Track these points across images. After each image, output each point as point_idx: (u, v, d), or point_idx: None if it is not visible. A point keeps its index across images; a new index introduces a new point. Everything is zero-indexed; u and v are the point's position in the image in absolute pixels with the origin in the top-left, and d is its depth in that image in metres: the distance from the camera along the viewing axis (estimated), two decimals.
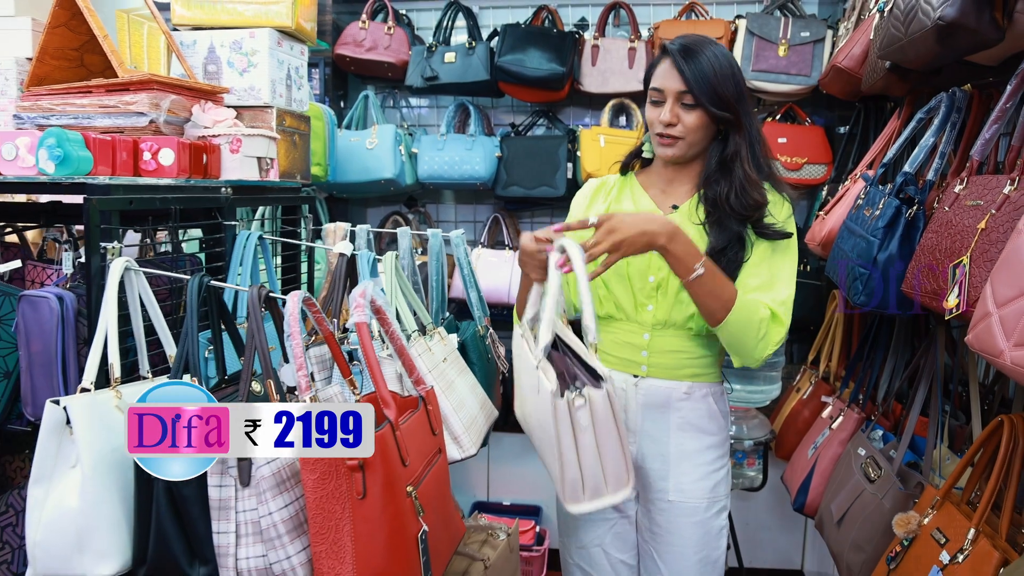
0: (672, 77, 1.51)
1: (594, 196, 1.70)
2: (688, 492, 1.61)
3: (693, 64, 1.50)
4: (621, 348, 1.62)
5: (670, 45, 1.54)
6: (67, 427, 1.19)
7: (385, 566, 1.05)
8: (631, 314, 1.61)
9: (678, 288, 1.53)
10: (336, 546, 1.04)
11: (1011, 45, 1.48)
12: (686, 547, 1.61)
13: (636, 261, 1.56)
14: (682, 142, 1.54)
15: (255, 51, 1.82)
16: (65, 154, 1.36)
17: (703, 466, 1.62)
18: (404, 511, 1.07)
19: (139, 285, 1.34)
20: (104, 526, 1.17)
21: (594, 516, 1.66)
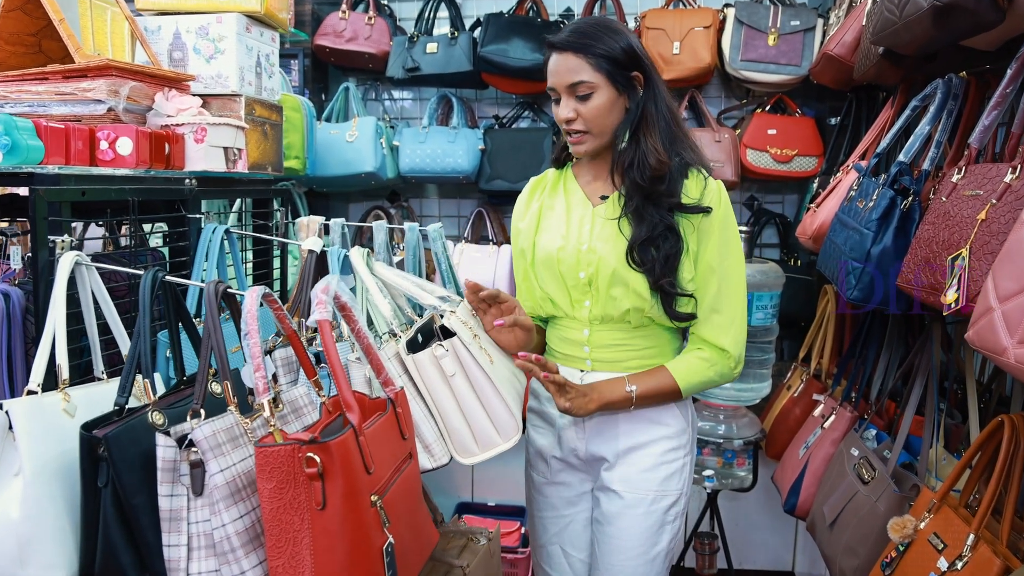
0: (558, 72, 1.46)
1: (530, 196, 1.66)
2: (633, 482, 1.56)
3: (579, 45, 1.43)
4: (565, 344, 1.61)
5: (553, 39, 1.47)
6: (9, 432, 1.11)
7: None
8: (569, 311, 1.57)
9: (608, 284, 1.49)
10: (294, 560, 0.97)
11: (1010, 27, 1.41)
12: (623, 538, 1.57)
13: (567, 259, 1.53)
14: (589, 135, 1.48)
15: (222, 37, 1.73)
16: (13, 142, 1.27)
17: (652, 457, 1.57)
18: (368, 522, 1.00)
19: (91, 281, 1.26)
20: (48, 537, 1.09)
21: (550, 513, 1.68)
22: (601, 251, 1.50)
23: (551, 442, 1.65)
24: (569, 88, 1.45)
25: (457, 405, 1.40)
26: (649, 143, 1.46)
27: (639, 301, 1.49)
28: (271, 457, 0.97)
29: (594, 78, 1.44)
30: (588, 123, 1.47)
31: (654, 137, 1.47)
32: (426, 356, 1.39)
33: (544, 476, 1.68)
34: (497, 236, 3.02)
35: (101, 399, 1.22)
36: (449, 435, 1.40)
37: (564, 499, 1.67)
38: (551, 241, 1.55)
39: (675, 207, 1.46)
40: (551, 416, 1.64)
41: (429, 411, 1.40)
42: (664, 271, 1.45)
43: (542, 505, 1.70)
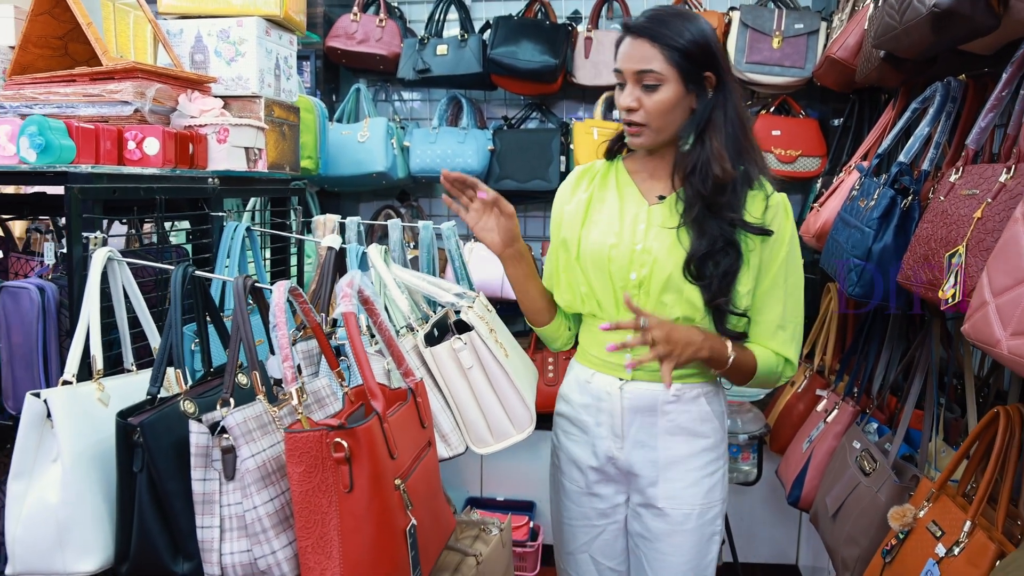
0: (629, 56, 1.38)
1: (577, 183, 1.59)
2: (679, 499, 1.53)
3: (655, 33, 1.35)
4: (604, 350, 1.51)
5: (631, 23, 1.40)
6: (48, 420, 1.16)
7: (373, 561, 1.03)
8: (612, 314, 1.51)
9: (661, 289, 1.44)
10: (323, 540, 1.02)
11: (1006, 33, 1.46)
12: (676, 554, 1.54)
13: (619, 258, 1.46)
14: (647, 129, 1.41)
15: (243, 40, 1.79)
16: (47, 142, 1.33)
17: (695, 471, 1.53)
18: (392, 505, 1.05)
19: (122, 276, 1.31)
20: (86, 521, 1.14)
21: (581, 523, 1.62)
22: (656, 253, 1.43)
23: (586, 451, 1.58)
24: (636, 75, 1.37)
25: (473, 397, 1.45)
26: (715, 149, 1.39)
27: (691, 311, 1.44)
28: (300, 442, 1.03)
29: (664, 70, 1.36)
30: (649, 116, 1.39)
31: (720, 143, 1.39)
32: (444, 349, 1.44)
33: (578, 485, 1.61)
34: None
35: (132, 389, 1.27)
36: (465, 426, 1.46)
37: (598, 510, 1.61)
38: (602, 237, 1.48)
39: (737, 222, 1.40)
40: (585, 423, 1.57)
41: (446, 402, 1.45)
42: (721, 288, 1.40)
43: (574, 514, 1.63)
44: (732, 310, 1.43)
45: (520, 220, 3.26)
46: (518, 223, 1.51)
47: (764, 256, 1.45)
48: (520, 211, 3.27)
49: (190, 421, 1.10)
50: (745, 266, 1.42)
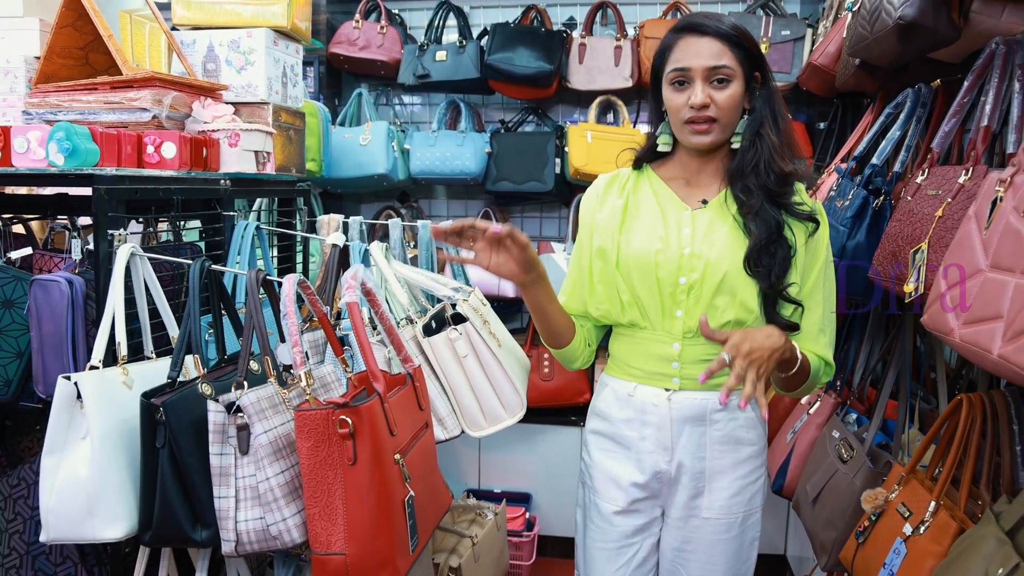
0: (700, 54, 1.37)
1: (607, 190, 1.55)
2: (723, 508, 1.51)
3: (721, 32, 1.37)
4: (649, 360, 1.48)
5: (686, 21, 1.41)
6: (78, 401, 1.27)
7: (374, 528, 1.13)
8: (657, 322, 1.47)
9: (713, 292, 1.42)
10: (329, 508, 1.12)
11: (969, 44, 1.56)
12: (717, 563, 1.53)
13: (667, 263, 1.43)
14: (717, 125, 1.40)
15: (252, 50, 1.90)
16: (74, 147, 1.44)
17: (740, 480, 1.52)
18: (392, 477, 1.15)
19: (144, 270, 1.42)
20: (112, 493, 1.25)
21: (618, 543, 1.54)
22: (707, 255, 1.42)
23: (628, 467, 1.52)
24: (709, 71, 1.37)
25: (468, 383, 1.55)
26: (775, 145, 1.40)
27: (743, 313, 1.43)
28: (309, 419, 1.13)
29: (733, 66, 1.38)
30: (720, 111, 1.38)
31: (777, 140, 1.41)
32: (441, 339, 1.54)
33: (616, 504, 1.53)
34: None
35: (152, 374, 1.38)
36: (461, 410, 1.56)
37: (636, 527, 1.54)
38: (646, 244, 1.45)
39: (789, 208, 1.42)
40: (628, 439, 1.52)
41: (443, 388, 1.55)
42: (780, 275, 1.40)
43: (611, 536, 1.55)
44: (790, 297, 1.42)
45: (517, 221, 3.37)
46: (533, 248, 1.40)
47: (807, 259, 1.46)
48: (517, 212, 3.39)
49: (208, 401, 1.20)
50: (795, 256, 1.43)
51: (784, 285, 1.41)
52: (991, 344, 1.14)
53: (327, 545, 1.10)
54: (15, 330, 1.49)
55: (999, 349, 1.12)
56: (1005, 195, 1.21)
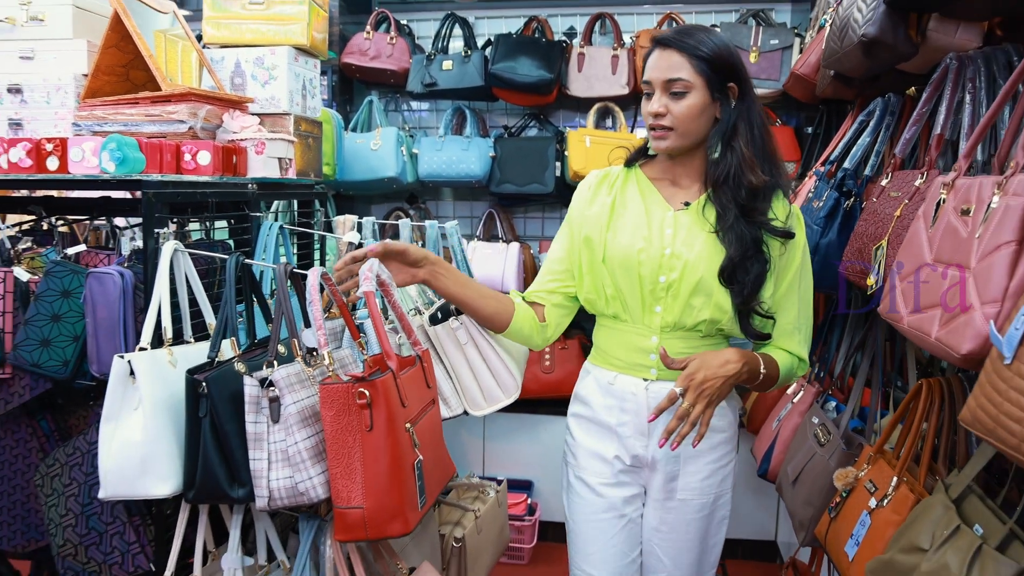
0: (658, 67, 1.48)
1: (598, 187, 1.63)
2: (697, 490, 1.61)
3: (682, 44, 1.46)
4: (629, 352, 1.57)
5: (660, 36, 1.51)
6: (130, 377, 1.45)
7: (387, 485, 1.29)
8: (638, 316, 1.55)
9: (690, 292, 1.50)
10: (349, 469, 1.28)
11: (929, 57, 1.72)
12: (690, 540, 1.63)
13: (649, 262, 1.51)
14: (673, 133, 1.49)
15: (275, 66, 2.07)
16: (124, 156, 1.62)
17: (712, 463, 1.62)
18: (403, 443, 1.32)
19: (185, 265, 1.59)
20: (162, 456, 1.43)
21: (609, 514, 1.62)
22: (686, 256, 1.49)
23: (611, 446, 1.62)
24: (666, 83, 1.46)
25: (469, 368, 1.72)
26: (746, 157, 1.47)
27: (718, 313, 1.50)
28: (332, 392, 1.29)
29: (692, 78, 1.45)
30: (676, 120, 1.47)
31: (750, 151, 1.48)
32: (444, 328, 1.71)
33: (602, 477, 1.62)
34: (506, 234, 3.34)
35: (192, 355, 1.56)
36: (463, 391, 1.73)
37: (624, 498, 1.63)
38: (630, 241, 1.53)
39: (764, 225, 1.48)
40: (608, 424, 1.61)
41: (447, 372, 1.72)
42: (752, 292, 1.48)
43: (600, 507, 1.63)
44: (761, 312, 1.51)
45: (519, 221, 3.55)
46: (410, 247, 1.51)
47: (782, 262, 1.54)
48: (520, 213, 3.56)
49: (244, 377, 1.38)
50: (771, 270, 1.51)
51: (756, 302, 1.50)
52: (931, 329, 1.30)
53: (347, 500, 1.27)
54: (72, 317, 1.67)
55: (936, 333, 1.28)
56: (947, 197, 1.38)
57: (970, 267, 1.15)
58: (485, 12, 3.50)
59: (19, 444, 1.92)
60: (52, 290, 1.70)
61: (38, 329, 1.69)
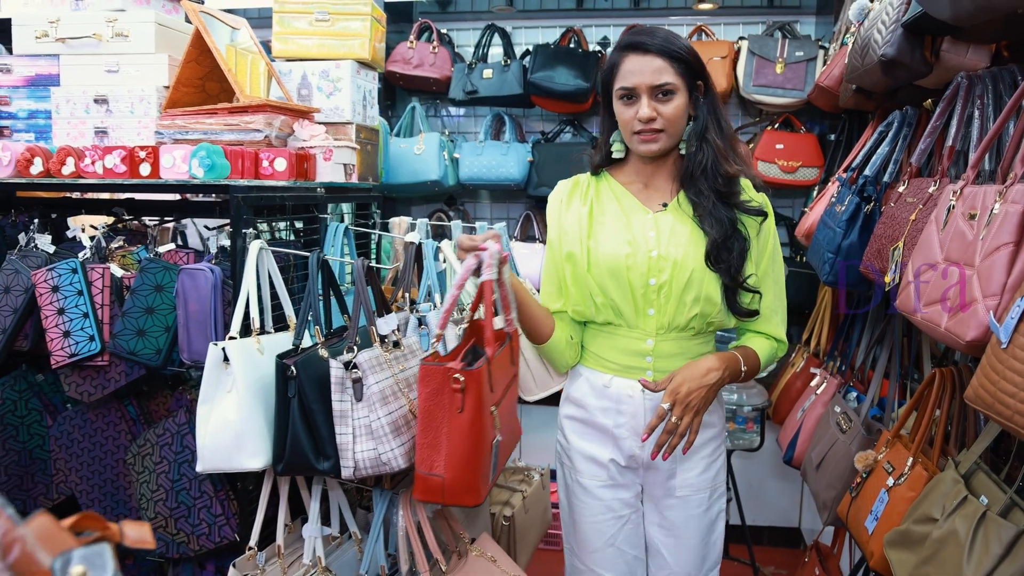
0: (643, 72, 1.49)
1: (570, 196, 1.64)
2: (694, 486, 1.65)
3: (662, 48, 1.49)
4: (624, 355, 1.59)
5: (628, 40, 1.52)
6: (225, 363, 1.64)
7: (467, 463, 1.38)
8: (632, 320, 1.57)
9: (682, 289, 1.53)
10: (435, 442, 1.38)
11: (941, 76, 1.87)
12: (691, 535, 1.66)
13: (637, 266, 1.53)
14: (664, 134, 1.52)
15: (339, 78, 2.26)
16: (212, 162, 1.81)
17: (706, 458, 1.67)
18: (487, 425, 1.40)
19: (268, 262, 1.79)
20: (254, 432, 1.61)
21: (607, 516, 1.66)
22: (674, 256, 1.52)
23: (605, 449, 1.64)
24: (653, 88, 1.49)
25: (523, 358, 1.89)
26: (720, 149, 1.53)
27: (708, 306, 1.55)
28: (431, 372, 1.38)
29: (676, 80, 1.49)
30: (666, 123, 1.50)
31: (722, 144, 1.54)
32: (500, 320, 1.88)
33: (599, 480, 1.65)
34: (542, 235, 3.52)
35: (276, 343, 1.75)
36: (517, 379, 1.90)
37: (623, 500, 1.65)
38: (615, 248, 1.55)
39: (739, 206, 1.54)
40: (603, 426, 1.63)
41: None
42: (739, 268, 1.53)
43: (598, 509, 1.65)
44: (748, 287, 1.56)
45: None
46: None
47: (758, 245, 1.60)
48: None
49: (331, 360, 1.56)
50: (749, 248, 1.56)
51: (743, 277, 1.55)
52: (940, 320, 1.46)
53: (430, 467, 1.39)
54: (164, 309, 1.87)
55: (945, 324, 1.43)
56: (956, 203, 1.53)
57: (974, 265, 1.30)
58: (523, 22, 3.67)
59: (109, 427, 2.12)
60: (147, 285, 1.90)
61: (134, 320, 1.89)
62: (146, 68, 2.19)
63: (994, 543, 1.32)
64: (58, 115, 2.26)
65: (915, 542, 1.58)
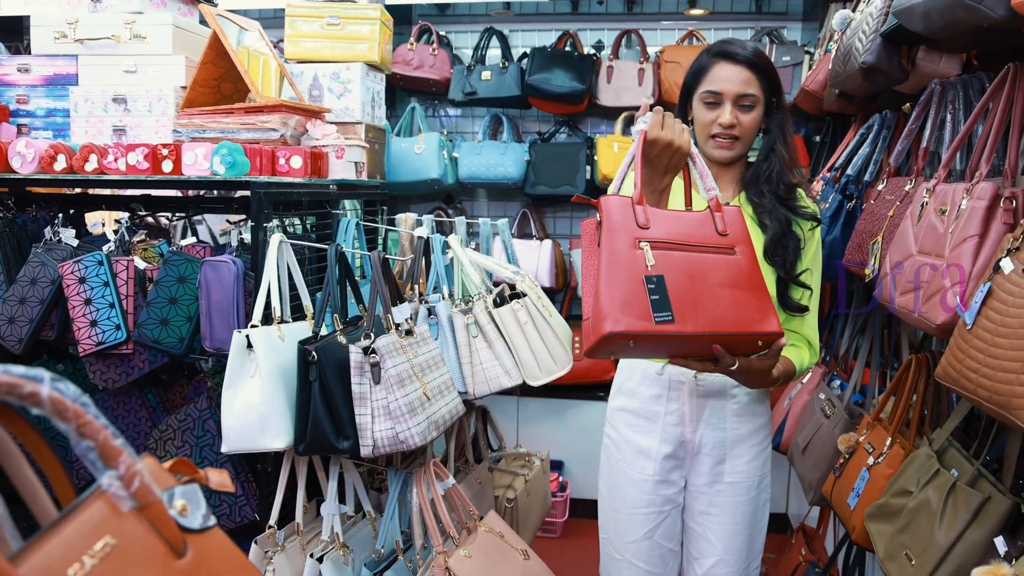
0: (732, 80, 1.57)
1: None
2: (743, 473, 1.70)
3: (753, 63, 1.58)
4: None
5: (721, 48, 1.61)
6: (248, 349, 1.74)
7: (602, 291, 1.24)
8: None
9: None
10: (590, 288, 1.30)
11: (917, 82, 2.00)
12: (739, 522, 1.70)
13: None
14: (739, 143, 1.61)
15: (350, 80, 2.37)
16: (233, 160, 1.91)
17: (755, 446, 1.71)
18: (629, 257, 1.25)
19: (287, 255, 1.89)
20: (277, 414, 1.72)
21: (648, 510, 1.70)
22: None
23: (655, 439, 1.68)
24: (738, 97, 1.58)
25: (527, 343, 2.01)
26: (786, 160, 1.62)
27: None
28: (587, 225, 1.39)
29: (759, 94, 1.59)
30: (743, 131, 1.60)
31: (788, 156, 1.63)
32: (507, 310, 2.00)
33: (646, 474, 1.69)
34: (539, 232, 3.63)
35: (296, 331, 1.85)
36: (522, 365, 2.02)
37: (665, 496, 1.70)
38: None
39: (795, 210, 1.63)
40: (655, 413, 1.68)
41: (509, 347, 2.01)
42: (793, 262, 1.61)
43: (641, 503, 1.70)
44: (801, 282, 1.64)
45: (549, 220, 3.83)
46: None
47: (806, 250, 1.67)
48: (550, 213, 3.85)
49: (350, 346, 1.67)
50: (803, 250, 1.64)
51: (797, 272, 1.64)
52: (914, 306, 1.59)
53: (586, 314, 1.29)
54: (187, 300, 1.97)
55: (917, 310, 1.56)
56: (929, 200, 1.66)
57: (944, 256, 1.43)
58: (520, 26, 3.79)
59: (130, 413, 2.22)
60: (170, 276, 2.00)
61: (158, 310, 1.99)
62: (163, 69, 2.28)
63: (963, 510, 1.45)
64: (76, 114, 2.35)
65: (892, 513, 1.71)
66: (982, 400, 1.21)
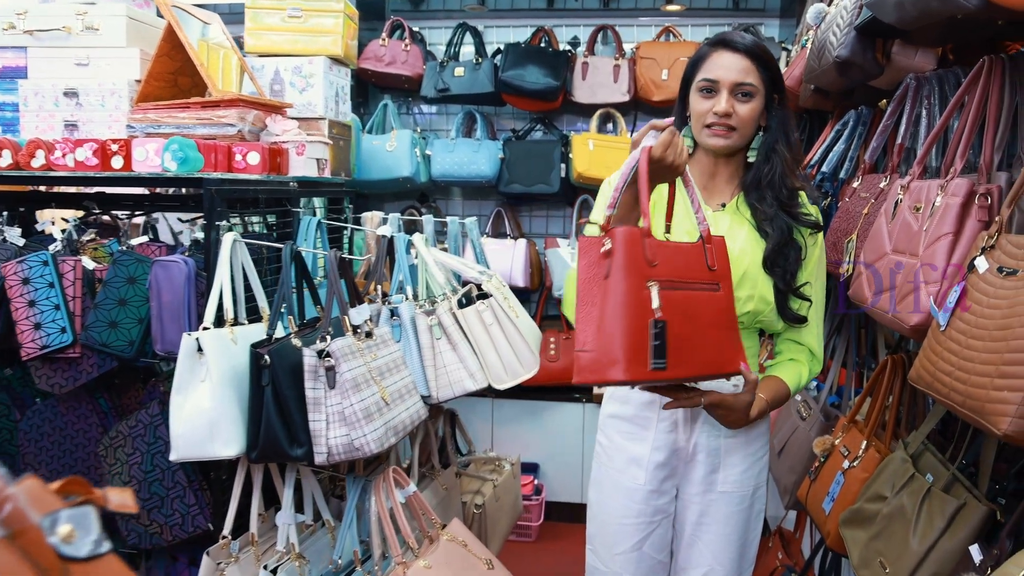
0: (730, 68, 1.53)
1: None
2: (737, 483, 1.66)
3: (753, 52, 1.54)
4: None
5: (720, 37, 1.57)
6: (198, 353, 1.66)
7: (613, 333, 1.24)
8: None
9: (736, 285, 1.52)
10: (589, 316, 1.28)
11: (892, 77, 1.95)
12: (731, 533, 1.66)
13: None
14: (735, 133, 1.55)
15: (312, 74, 2.29)
16: (185, 156, 1.83)
17: (750, 456, 1.68)
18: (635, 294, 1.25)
19: (242, 254, 1.81)
20: (228, 421, 1.64)
21: (638, 520, 1.66)
22: (732, 250, 1.51)
23: (647, 447, 1.64)
24: (735, 85, 1.53)
25: (493, 346, 1.94)
26: (788, 162, 1.58)
27: (762, 305, 1.56)
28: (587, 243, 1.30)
29: (758, 84, 1.54)
30: (740, 122, 1.54)
31: (789, 158, 1.58)
32: (471, 311, 1.93)
33: (638, 483, 1.64)
34: (513, 231, 3.57)
35: (249, 333, 1.77)
36: (487, 367, 1.95)
37: (656, 507, 1.66)
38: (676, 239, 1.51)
39: (797, 218, 1.58)
40: (648, 420, 1.64)
41: (473, 350, 1.95)
42: (793, 273, 1.56)
43: (632, 512, 1.66)
44: (801, 294, 1.59)
45: (524, 219, 3.77)
46: None
47: (807, 257, 1.63)
48: (525, 211, 3.78)
49: (304, 349, 1.60)
50: (804, 257, 1.60)
51: (797, 284, 1.59)
52: (888, 307, 1.54)
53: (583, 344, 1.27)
54: (137, 301, 1.88)
55: (892, 310, 1.51)
56: (903, 197, 1.61)
57: (918, 255, 1.38)
58: (494, 22, 3.72)
59: (80, 419, 2.13)
60: (119, 277, 1.91)
61: (106, 312, 1.91)
62: (117, 62, 2.20)
63: (937, 517, 1.40)
64: (26, 108, 2.26)
65: (867, 519, 1.65)
66: (956, 404, 1.15)
